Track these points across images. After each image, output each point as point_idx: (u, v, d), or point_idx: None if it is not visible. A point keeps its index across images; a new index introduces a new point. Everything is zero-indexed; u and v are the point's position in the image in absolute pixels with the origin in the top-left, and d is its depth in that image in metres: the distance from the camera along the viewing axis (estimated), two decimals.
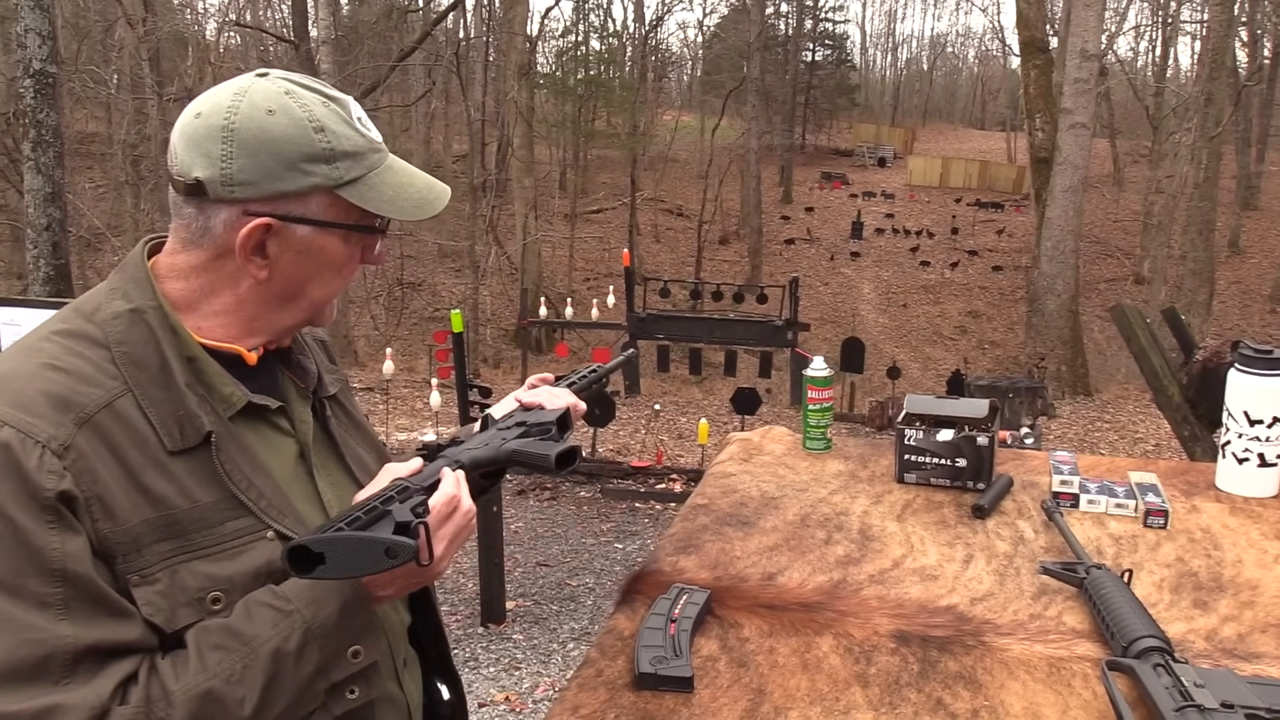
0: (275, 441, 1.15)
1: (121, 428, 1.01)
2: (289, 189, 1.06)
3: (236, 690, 0.98)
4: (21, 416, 0.97)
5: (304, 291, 1.13)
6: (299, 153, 1.06)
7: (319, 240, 1.10)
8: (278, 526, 1.07)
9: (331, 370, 1.32)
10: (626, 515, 6.81)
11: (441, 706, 1.39)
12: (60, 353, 1.03)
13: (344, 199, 1.10)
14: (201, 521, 1.03)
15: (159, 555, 1.00)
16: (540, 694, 4.24)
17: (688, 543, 1.59)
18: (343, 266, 1.14)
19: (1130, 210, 30.98)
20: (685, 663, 1.22)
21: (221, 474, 1.05)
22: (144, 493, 1.00)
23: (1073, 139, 14.41)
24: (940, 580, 1.47)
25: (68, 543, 0.95)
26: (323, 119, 1.09)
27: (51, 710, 0.92)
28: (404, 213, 1.12)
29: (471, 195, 21.41)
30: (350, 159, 1.10)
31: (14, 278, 17.45)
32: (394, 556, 0.95)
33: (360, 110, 1.16)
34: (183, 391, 1.05)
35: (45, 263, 7.13)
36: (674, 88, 50.34)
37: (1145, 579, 1.48)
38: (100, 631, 0.96)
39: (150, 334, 1.06)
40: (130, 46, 19.40)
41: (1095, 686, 1.20)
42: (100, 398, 1.01)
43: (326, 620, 1.02)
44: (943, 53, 68.70)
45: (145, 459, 1.01)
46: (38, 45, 6.98)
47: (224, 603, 1.02)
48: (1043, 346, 14.71)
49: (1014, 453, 2.01)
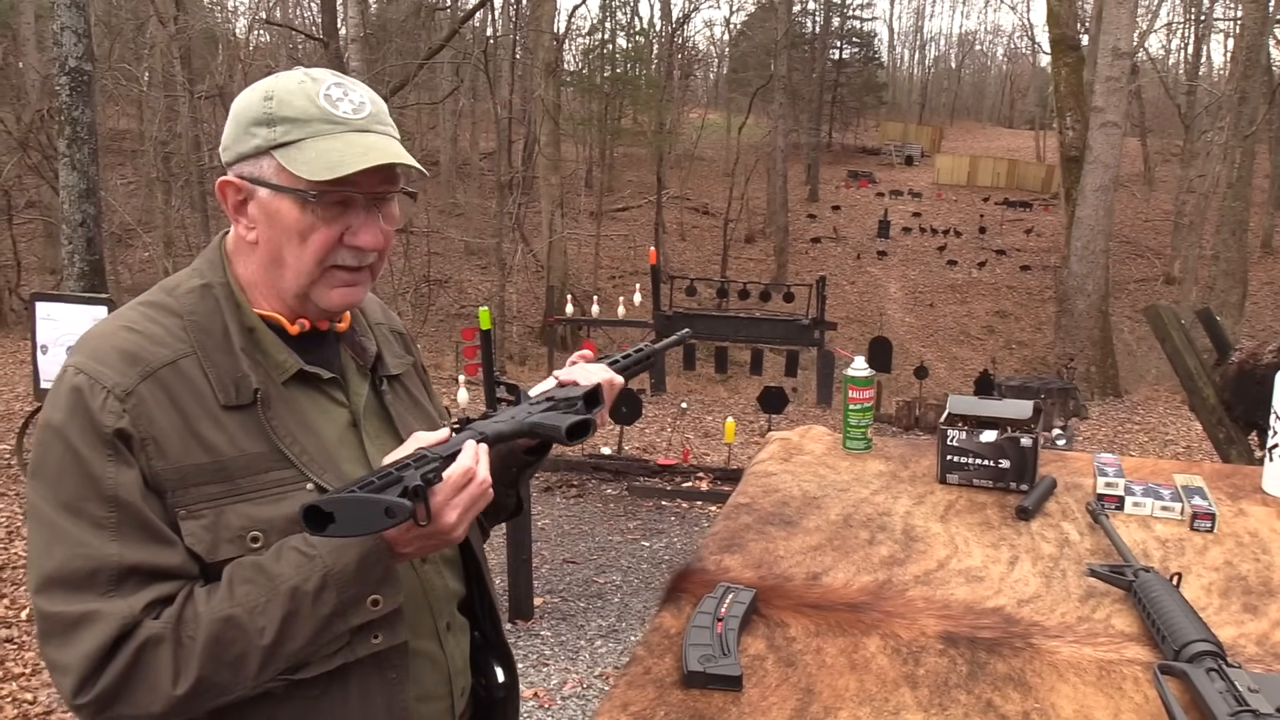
0: (327, 408, 1.26)
1: (183, 383, 1.15)
2: (244, 150, 1.19)
3: (258, 620, 1.09)
4: (94, 365, 1.13)
5: (282, 258, 1.20)
6: (249, 117, 1.19)
7: (275, 203, 1.18)
8: (317, 480, 1.18)
9: (399, 355, 1.42)
10: (653, 513, 6.81)
11: (496, 689, 1.41)
12: (139, 318, 1.19)
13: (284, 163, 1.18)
14: (248, 469, 1.15)
15: (208, 495, 1.13)
16: (569, 690, 4.25)
17: (731, 541, 1.59)
18: (306, 235, 1.19)
19: (1161, 210, 30.65)
20: (734, 661, 1.22)
21: (267, 429, 1.17)
22: (198, 440, 1.14)
23: (1104, 137, 14.27)
24: (986, 582, 1.46)
25: (121, 474, 1.10)
26: (277, 90, 1.18)
27: (90, 616, 1.07)
28: (314, 172, 1.15)
29: (498, 193, 21.47)
30: (289, 123, 1.17)
31: (48, 273, 17.67)
32: (392, 516, 1.02)
33: (343, 91, 1.21)
34: (239, 356, 1.19)
35: (80, 258, 7.22)
36: (700, 85, 50.29)
37: (1194, 582, 1.47)
38: (143, 554, 1.10)
39: (216, 306, 1.21)
40: (162, 44, 19.60)
41: (1147, 690, 1.19)
42: (166, 356, 1.16)
43: (345, 568, 1.11)
44: (971, 50, 68.24)
45: (202, 411, 1.15)
46: (73, 43, 7.07)
47: (262, 542, 1.14)
48: (1072, 347, 14.58)
49: (1056, 454, 2.00)
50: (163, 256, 17.07)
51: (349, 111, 1.19)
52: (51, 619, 1.08)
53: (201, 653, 1.07)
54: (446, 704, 1.33)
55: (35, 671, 4.06)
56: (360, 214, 1.21)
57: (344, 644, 1.16)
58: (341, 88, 1.21)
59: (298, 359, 1.23)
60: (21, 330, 13.75)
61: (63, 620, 1.07)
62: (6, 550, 5.24)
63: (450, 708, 1.34)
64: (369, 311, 1.42)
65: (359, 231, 1.21)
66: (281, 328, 1.24)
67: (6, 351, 12.13)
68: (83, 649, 1.06)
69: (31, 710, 3.79)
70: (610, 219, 28.75)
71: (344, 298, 1.24)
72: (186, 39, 19.69)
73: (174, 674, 1.07)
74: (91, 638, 1.06)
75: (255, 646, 1.09)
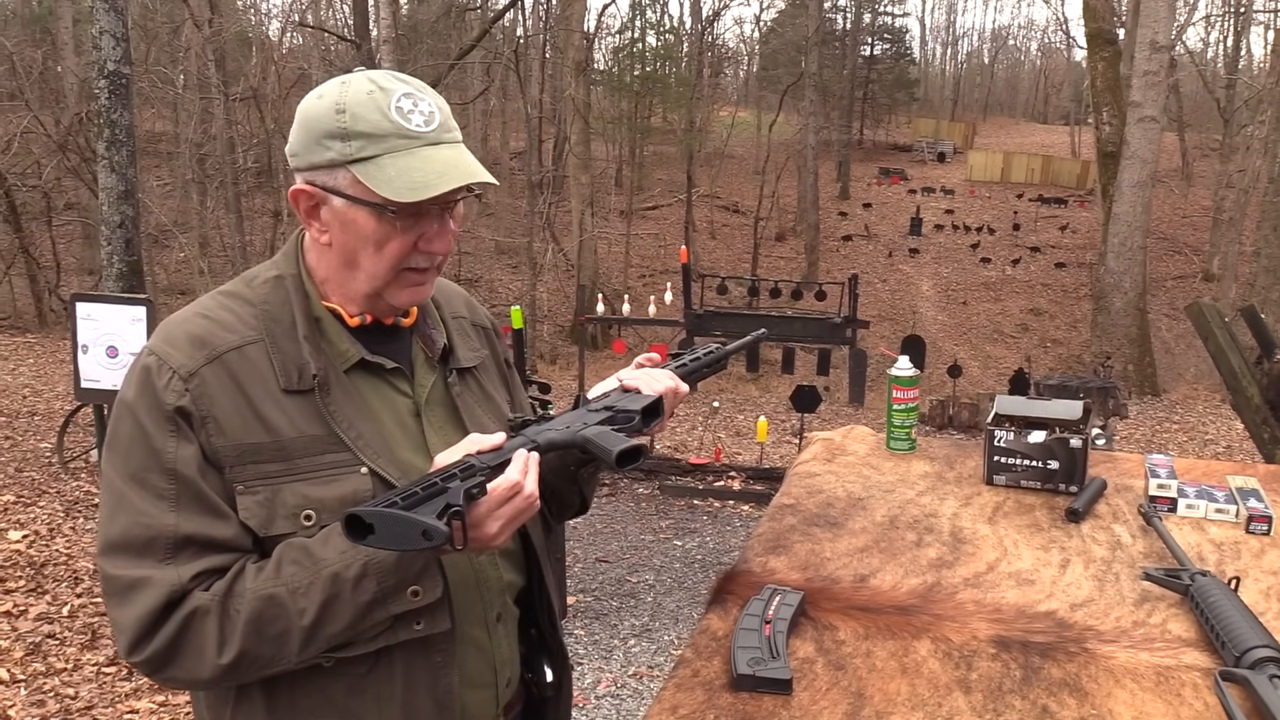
0: (390, 396, 1.30)
1: (248, 367, 1.21)
2: (318, 161, 1.21)
3: (299, 601, 1.13)
4: (165, 348, 1.21)
5: (357, 261, 1.24)
6: (321, 129, 1.20)
7: (350, 213, 1.21)
8: (371, 464, 1.22)
9: (475, 349, 1.44)
10: (685, 512, 6.80)
11: (545, 687, 1.42)
12: (214, 306, 1.27)
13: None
14: (305, 450, 1.20)
15: (265, 473, 1.18)
16: (603, 689, 4.25)
17: (776, 543, 1.57)
18: (382, 244, 1.22)
19: (1199, 206, 30.18)
20: (783, 664, 1.21)
21: (325, 414, 1.22)
22: (260, 420, 1.19)
23: (1141, 132, 14.08)
24: (1037, 585, 1.44)
25: (181, 449, 1.16)
26: (349, 102, 1.20)
27: (143, 581, 1.14)
28: (397, 194, 1.17)
29: (529, 192, 21.53)
30: (365, 139, 1.19)
31: (86, 274, 17.94)
32: (429, 539, 1.04)
33: (414, 102, 1.22)
34: (302, 343, 1.24)
35: (118, 259, 7.30)
36: (730, 83, 50.15)
37: (1252, 587, 1.44)
38: (198, 525, 1.16)
39: (287, 296, 1.27)
40: (197, 47, 19.83)
41: (1207, 697, 1.17)
42: (233, 341, 1.22)
43: (385, 558, 1.14)
44: (1004, 45, 67.54)
45: (264, 393, 1.20)
46: (112, 47, 7.14)
47: (315, 520, 1.19)
48: (1109, 345, 14.40)
49: (1106, 455, 1.96)
50: (198, 257, 17.28)
51: (421, 124, 1.21)
52: (112, 580, 1.16)
53: (245, 627, 1.13)
54: (491, 693, 1.34)
55: (77, 667, 4.11)
56: (434, 222, 1.24)
57: (386, 628, 1.19)
58: (411, 98, 1.22)
59: (361, 349, 1.28)
60: (61, 330, 13.96)
61: (120, 583, 1.15)
62: (48, 547, 5.31)
63: (495, 697, 1.35)
64: (449, 304, 1.45)
65: (433, 239, 1.25)
66: (344, 319, 1.29)
67: (47, 351, 12.32)
68: (135, 611, 1.13)
69: (73, 705, 3.83)
70: (640, 218, 28.73)
71: (413, 296, 1.29)
72: (221, 42, 19.89)
73: (219, 644, 1.13)
74: (143, 601, 1.13)
75: (296, 626, 1.13)
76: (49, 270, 16.66)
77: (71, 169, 15.89)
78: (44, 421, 8.19)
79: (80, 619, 4.52)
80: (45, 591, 4.78)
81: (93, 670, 4.08)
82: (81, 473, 6.73)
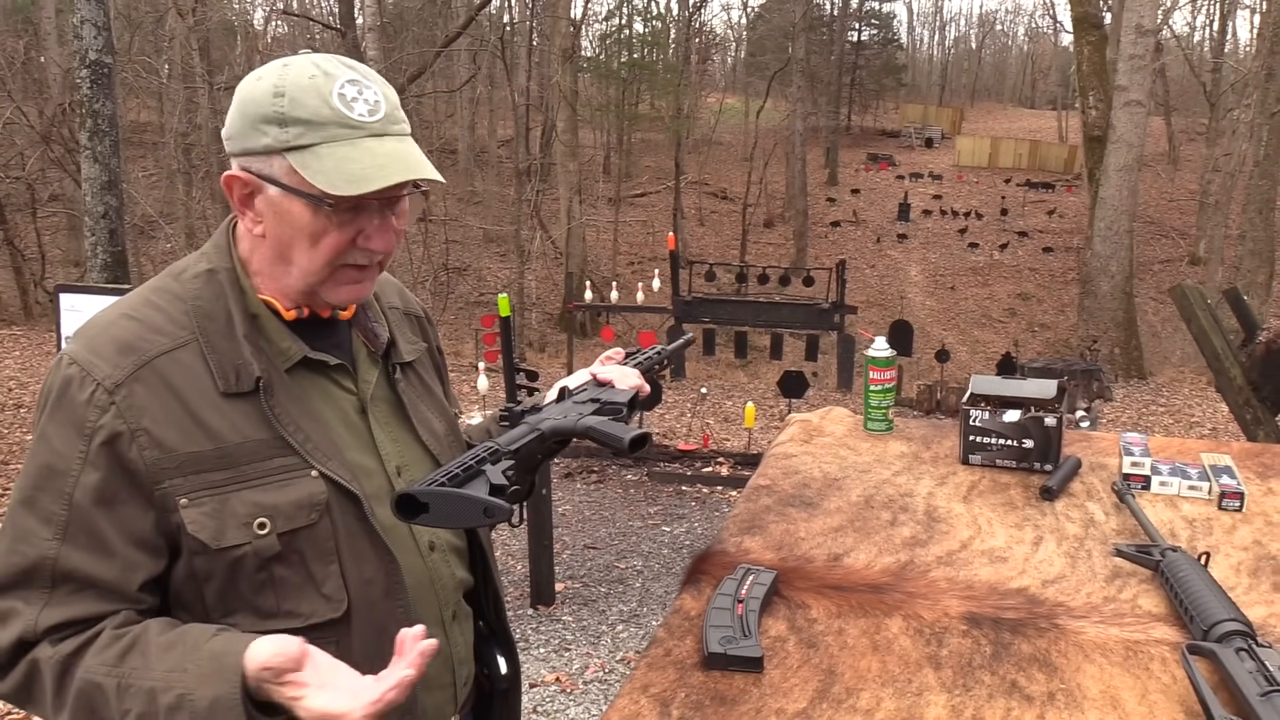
0: (334, 394, 1.24)
1: (181, 371, 1.13)
2: (253, 147, 1.14)
3: (124, 701, 1.05)
4: (88, 357, 1.12)
5: (290, 255, 1.17)
6: (258, 113, 1.14)
7: (285, 203, 1.15)
8: (320, 467, 1.17)
9: (413, 341, 1.40)
10: (673, 498, 6.81)
11: (499, 680, 1.40)
12: (140, 305, 1.18)
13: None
14: (251, 455, 1.14)
15: (210, 482, 1.11)
16: (590, 675, 4.26)
17: (752, 524, 1.58)
18: (318, 238, 1.15)
19: (1186, 189, 30.28)
20: (754, 643, 1.21)
21: (270, 416, 1.15)
22: (200, 427, 1.12)
23: (1127, 116, 14.09)
24: (1010, 562, 1.45)
25: (86, 475, 1.08)
26: (289, 86, 1.13)
27: (8, 613, 1.08)
28: (334, 185, 1.11)
29: (516, 180, 21.48)
30: (303, 125, 1.12)
31: (71, 265, 17.83)
32: (490, 516, 1.06)
33: (359, 89, 1.16)
34: (240, 342, 1.16)
35: (103, 250, 7.25)
36: (718, 70, 50.03)
37: (1222, 562, 1.45)
38: (80, 561, 1.08)
39: (221, 291, 1.19)
40: (181, 36, 19.68)
41: (1174, 670, 1.18)
42: (164, 345, 1.14)
43: (200, 699, 1.03)
44: (992, 30, 67.55)
45: (202, 399, 1.13)
46: (93, 36, 7.09)
47: (270, 527, 1.13)
48: (1096, 329, 14.45)
49: (1081, 434, 1.98)
50: (185, 248, 17.17)
51: (364, 113, 1.15)
52: None
53: (73, 703, 1.07)
54: (450, 692, 1.33)
55: None
56: (374, 217, 1.18)
57: None
58: (355, 85, 1.16)
59: (302, 345, 1.21)
60: (47, 322, 13.88)
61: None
62: None
63: (454, 696, 1.34)
64: (384, 296, 1.40)
65: (372, 235, 1.18)
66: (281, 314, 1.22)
67: (33, 344, 12.25)
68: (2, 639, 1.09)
69: None
70: (628, 205, 28.68)
71: (352, 294, 1.22)
72: (205, 31, 19.77)
73: (53, 705, 1.08)
74: (5, 634, 1.09)
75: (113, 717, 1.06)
76: (34, 262, 16.55)
77: (55, 160, 15.77)
78: (29, 414, 8.15)
79: None
80: None
81: None
82: None
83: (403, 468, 1.26)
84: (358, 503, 1.19)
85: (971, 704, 1.12)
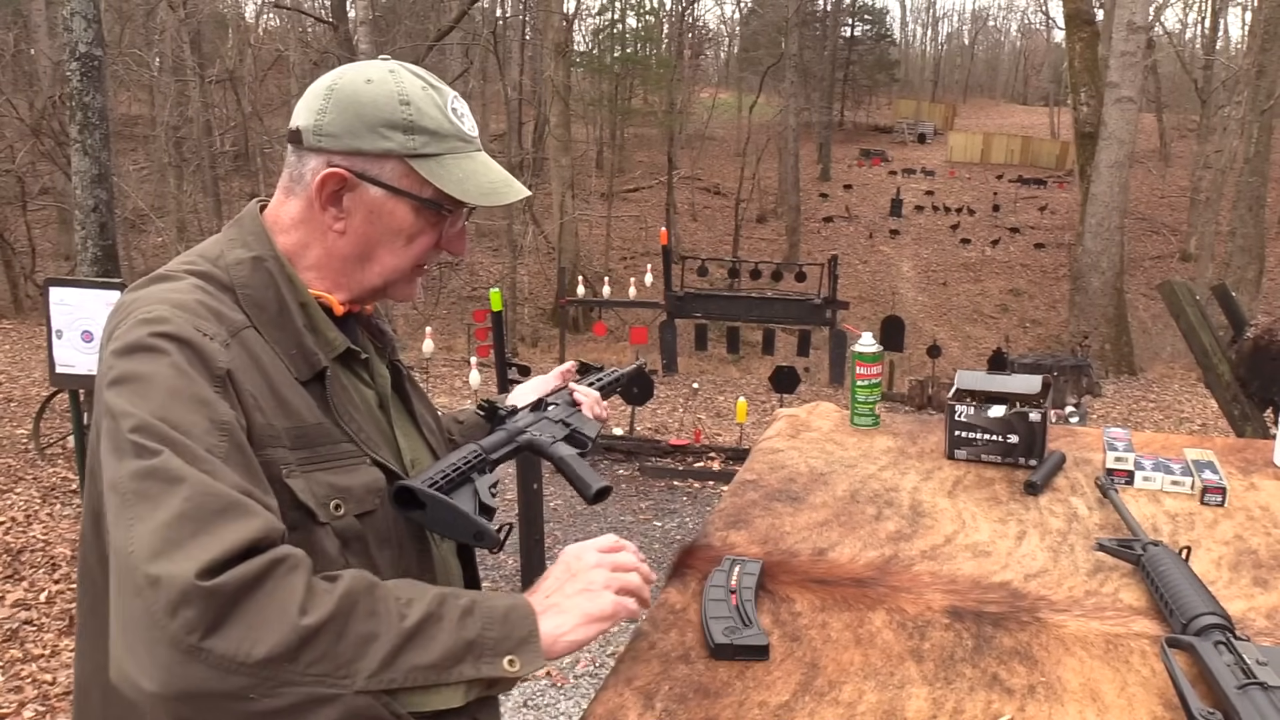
0: (360, 388, 1.26)
1: (260, 347, 1.13)
2: (367, 148, 1.16)
3: (401, 606, 1.01)
4: (190, 317, 1.07)
5: (375, 254, 1.21)
6: (381, 118, 1.16)
7: (389, 204, 1.19)
8: (374, 456, 1.19)
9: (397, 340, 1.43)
10: (665, 493, 6.82)
11: None
12: (194, 288, 1.13)
13: (417, 172, 1.18)
14: (326, 437, 1.15)
15: (298, 459, 1.11)
16: (581, 669, 4.28)
17: (737, 518, 1.59)
18: (413, 238, 1.21)
19: (1177, 186, 30.37)
20: (758, 631, 1.23)
21: (332, 404, 1.17)
22: (281, 403, 1.11)
23: (1119, 113, 14.14)
24: (993, 556, 1.46)
25: (227, 409, 1.03)
26: (412, 96, 1.18)
27: (245, 507, 0.96)
28: (469, 196, 1.19)
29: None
30: (428, 135, 1.18)
31: (62, 259, 17.76)
32: (479, 540, 1.12)
33: (462, 106, 1.25)
34: (300, 331, 1.17)
35: (93, 244, 7.22)
36: (711, 65, 50.00)
37: (1204, 556, 1.46)
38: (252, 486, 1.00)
39: (270, 279, 1.18)
40: (172, 29, 19.61)
41: (1154, 664, 1.19)
42: (241, 321, 1.13)
43: (493, 606, 1.07)
44: (984, 26, 67.62)
45: (280, 377, 1.13)
46: (83, 28, 7.05)
47: (344, 510, 1.13)
48: (1086, 324, 14.50)
49: (1066, 429, 1.99)
50: (176, 241, 17.12)
51: (471, 130, 1.24)
52: (206, 495, 0.94)
53: (338, 600, 0.96)
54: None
55: (55, 653, 4.11)
56: (456, 223, 1.26)
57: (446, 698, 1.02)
58: (460, 102, 1.24)
59: (345, 338, 1.23)
60: (37, 316, 13.83)
61: (216, 500, 0.94)
62: (25, 533, 5.29)
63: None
64: None
65: (454, 240, 1.26)
66: (329, 306, 1.22)
67: (23, 337, 12.21)
68: (228, 534, 0.92)
69: (51, 690, 3.83)
70: (621, 200, 28.67)
71: (413, 292, 1.29)
72: (196, 23, 19.69)
73: (303, 600, 0.93)
74: (240, 527, 0.93)
75: (393, 629, 0.98)
76: (24, 255, 16.49)
77: (45, 153, 15.70)
78: (20, 408, 8.13)
79: (58, 605, 4.50)
80: (22, 578, 4.77)
81: (70, 656, 4.07)
82: (58, 459, 6.69)
83: (415, 461, 1.29)
84: None
85: (953, 696, 1.13)
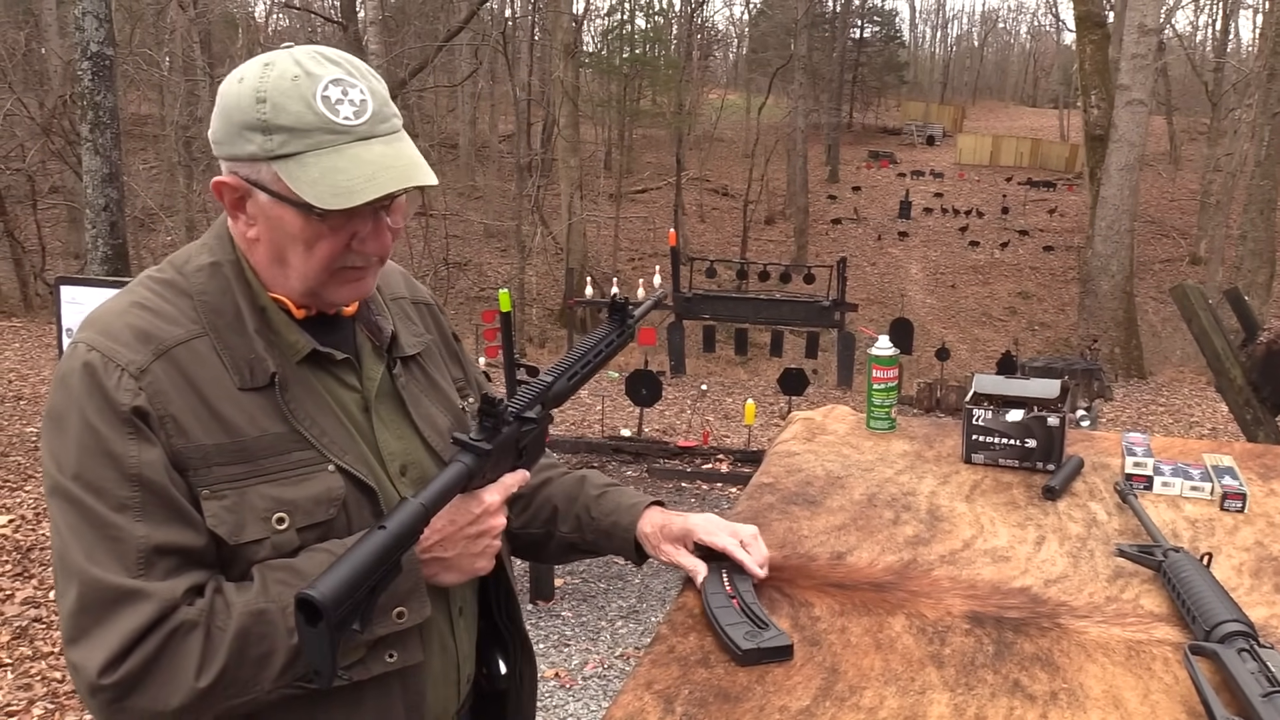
0: (338, 391, 1.22)
1: (197, 362, 1.12)
2: (239, 154, 1.11)
3: (290, 618, 1.04)
4: (106, 343, 1.09)
5: (287, 259, 1.15)
6: (241, 120, 1.10)
7: (277, 210, 1.12)
8: (338, 461, 1.16)
9: (418, 333, 1.37)
10: (673, 495, 6.81)
11: (498, 680, 1.40)
12: (150, 295, 1.16)
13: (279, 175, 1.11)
14: (269, 449, 1.12)
15: (230, 476, 1.10)
16: (590, 670, 4.27)
17: (754, 521, 1.58)
18: (312, 244, 1.12)
19: (1187, 189, 30.28)
20: (778, 632, 1.23)
21: (285, 411, 1.14)
22: (217, 419, 1.10)
23: (1129, 116, 14.09)
24: (1012, 561, 1.45)
25: (144, 452, 1.06)
26: (270, 90, 1.08)
27: (135, 593, 1.03)
28: (319, 198, 1.07)
29: (517, 175, 21.47)
30: (286, 133, 1.08)
31: (72, 258, 17.82)
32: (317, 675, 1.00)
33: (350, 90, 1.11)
34: (252, 337, 1.15)
35: (103, 242, 7.26)
36: (720, 66, 50.01)
37: (1224, 563, 1.45)
38: (170, 534, 1.06)
39: (227, 285, 1.17)
40: (182, 29, 19.67)
41: (1177, 670, 1.18)
42: (179, 335, 1.12)
43: None
44: (994, 28, 67.53)
45: (218, 391, 1.11)
46: (95, 28, 7.08)
47: (288, 523, 1.12)
48: (1096, 328, 14.45)
49: (1083, 434, 1.98)
50: (185, 240, 17.13)
51: (350, 116, 1.10)
52: (95, 590, 1.03)
53: (230, 644, 1.04)
54: (453, 690, 1.31)
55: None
56: (368, 221, 1.15)
57: (358, 658, 1.13)
58: (340, 85, 1.10)
59: (310, 339, 1.19)
60: (47, 315, 13.88)
61: (105, 594, 1.03)
62: (34, 531, 5.30)
63: (457, 694, 1.32)
64: (389, 286, 1.37)
65: (367, 239, 1.15)
66: (289, 309, 1.20)
67: (33, 336, 12.25)
68: (122, 626, 1.02)
69: (60, 688, 3.83)
70: (629, 201, 28.68)
71: (354, 292, 1.21)
72: (206, 23, 19.75)
73: (199, 664, 1.03)
74: (133, 615, 1.02)
75: (283, 646, 1.06)
76: (34, 254, 16.54)
77: (56, 152, 15.75)
78: (29, 406, 8.15)
79: None
80: (32, 576, 4.78)
81: None
82: None
83: (408, 466, 1.25)
84: (374, 497, 1.18)
85: (974, 703, 1.12)
